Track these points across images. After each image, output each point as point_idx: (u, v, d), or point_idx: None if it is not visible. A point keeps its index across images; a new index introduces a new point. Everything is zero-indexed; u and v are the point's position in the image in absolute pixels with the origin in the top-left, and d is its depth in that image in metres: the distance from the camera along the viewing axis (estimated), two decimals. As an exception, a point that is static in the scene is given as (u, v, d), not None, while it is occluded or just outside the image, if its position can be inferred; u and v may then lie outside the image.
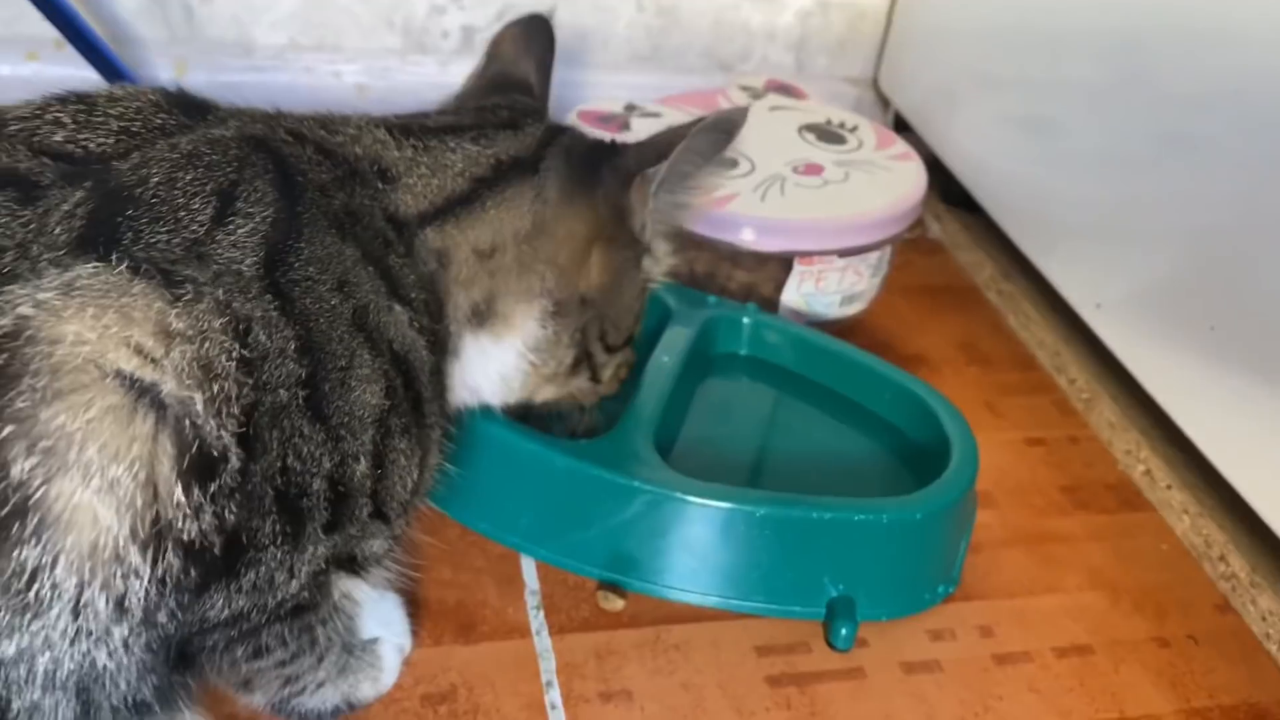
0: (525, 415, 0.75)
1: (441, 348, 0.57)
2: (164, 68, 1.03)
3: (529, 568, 0.71)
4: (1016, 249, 1.00)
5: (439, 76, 1.09)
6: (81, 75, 0.94)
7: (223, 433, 0.41)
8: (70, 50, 0.92)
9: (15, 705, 0.39)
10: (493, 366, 0.62)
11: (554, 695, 0.63)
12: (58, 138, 0.46)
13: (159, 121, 0.49)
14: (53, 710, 0.40)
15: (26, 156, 0.44)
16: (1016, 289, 1.03)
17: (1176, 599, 0.75)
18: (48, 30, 0.92)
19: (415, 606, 0.66)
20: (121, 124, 0.47)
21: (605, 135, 0.67)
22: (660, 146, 0.60)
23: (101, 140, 0.46)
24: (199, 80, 1.03)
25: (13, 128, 0.46)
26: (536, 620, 0.67)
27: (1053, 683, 0.68)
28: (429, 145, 0.58)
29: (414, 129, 0.59)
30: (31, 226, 0.42)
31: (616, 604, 0.68)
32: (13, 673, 0.38)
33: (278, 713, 0.57)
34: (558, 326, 0.62)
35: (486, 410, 0.69)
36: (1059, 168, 0.93)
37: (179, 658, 0.44)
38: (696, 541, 0.68)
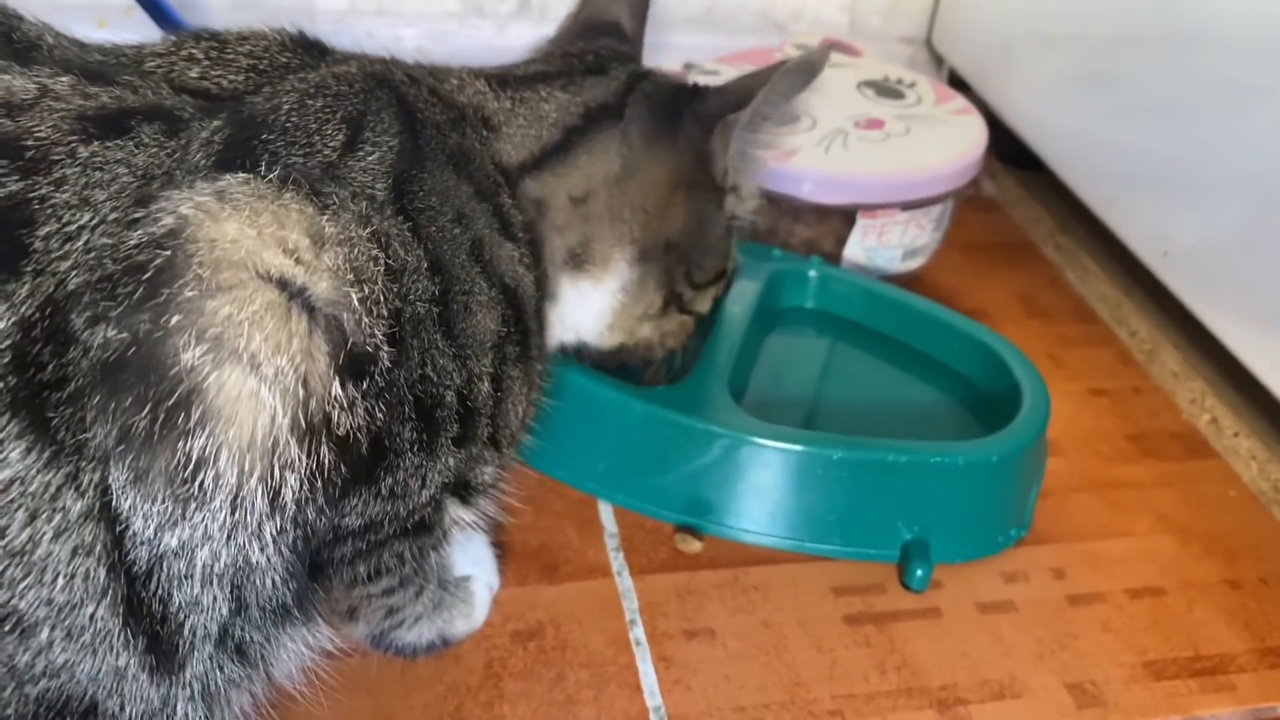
0: (600, 363, 0.77)
1: (543, 290, 0.59)
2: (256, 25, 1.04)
3: (607, 512, 0.72)
4: (1073, 204, 1.00)
5: (496, 40, 1.10)
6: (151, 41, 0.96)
7: (375, 331, 0.42)
8: (139, 15, 0.94)
9: (176, 599, 0.41)
10: (591, 307, 0.64)
11: (638, 632, 0.64)
12: (193, 74, 0.48)
13: (284, 60, 0.51)
14: (210, 606, 0.41)
15: (169, 94, 0.46)
16: (1074, 243, 1.04)
17: (1246, 543, 0.76)
18: (117, -3, 0.94)
19: (501, 549, 0.68)
20: (250, 61, 0.49)
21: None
22: (742, 92, 0.60)
23: (233, 78, 0.48)
24: (263, 45, 1.04)
25: (150, 64, 0.48)
26: (617, 561, 0.69)
27: (1127, 622, 0.69)
28: (524, 96, 0.59)
29: (509, 80, 0.60)
30: (176, 155, 0.43)
31: (694, 546, 0.70)
32: (175, 566, 0.40)
33: (377, 646, 0.59)
34: (644, 269, 0.63)
35: (567, 357, 0.70)
36: (1121, 120, 0.93)
37: (312, 568, 0.46)
38: (772, 485, 0.69)
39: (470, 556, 0.64)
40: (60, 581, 0.39)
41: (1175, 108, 0.87)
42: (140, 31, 0.95)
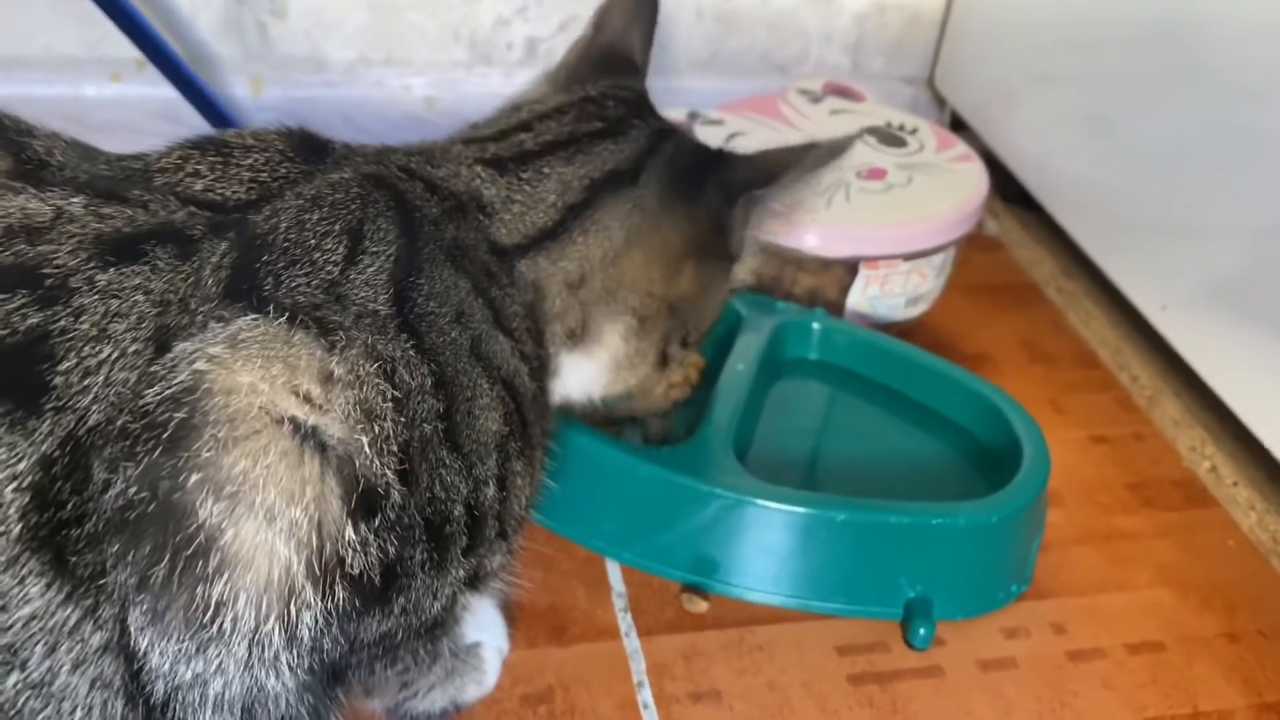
0: (605, 422, 0.78)
1: (543, 372, 0.60)
2: (240, 84, 1.06)
3: (614, 571, 0.73)
4: (1075, 246, 1.01)
5: (504, 88, 1.11)
6: (163, 95, 0.98)
7: (386, 470, 0.43)
8: (151, 70, 0.96)
9: None
10: (587, 376, 0.64)
11: (645, 695, 0.65)
12: (198, 187, 0.49)
13: (284, 170, 0.51)
14: None
15: (177, 206, 0.47)
16: (1077, 286, 1.05)
17: (1245, 595, 0.77)
18: (130, 51, 0.96)
19: (509, 610, 0.69)
20: (253, 173, 0.50)
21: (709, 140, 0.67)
22: (770, 168, 0.60)
23: (236, 189, 0.49)
24: (275, 96, 1.06)
25: (159, 180, 0.49)
26: (625, 622, 0.70)
27: (1126, 679, 0.70)
28: (524, 176, 0.59)
29: (509, 161, 0.60)
30: (190, 280, 0.44)
31: (700, 606, 0.71)
32: (189, 695, 0.41)
33: (391, 715, 0.61)
34: (640, 339, 0.64)
35: (571, 420, 0.72)
36: (1120, 165, 0.94)
37: (331, 674, 0.47)
38: (776, 545, 0.70)
39: (479, 622, 0.65)
40: (79, 713, 0.40)
41: (1174, 153, 0.87)
42: (154, 84, 0.98)
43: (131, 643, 0.40)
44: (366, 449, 0.42)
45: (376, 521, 0.43)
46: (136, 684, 0.40)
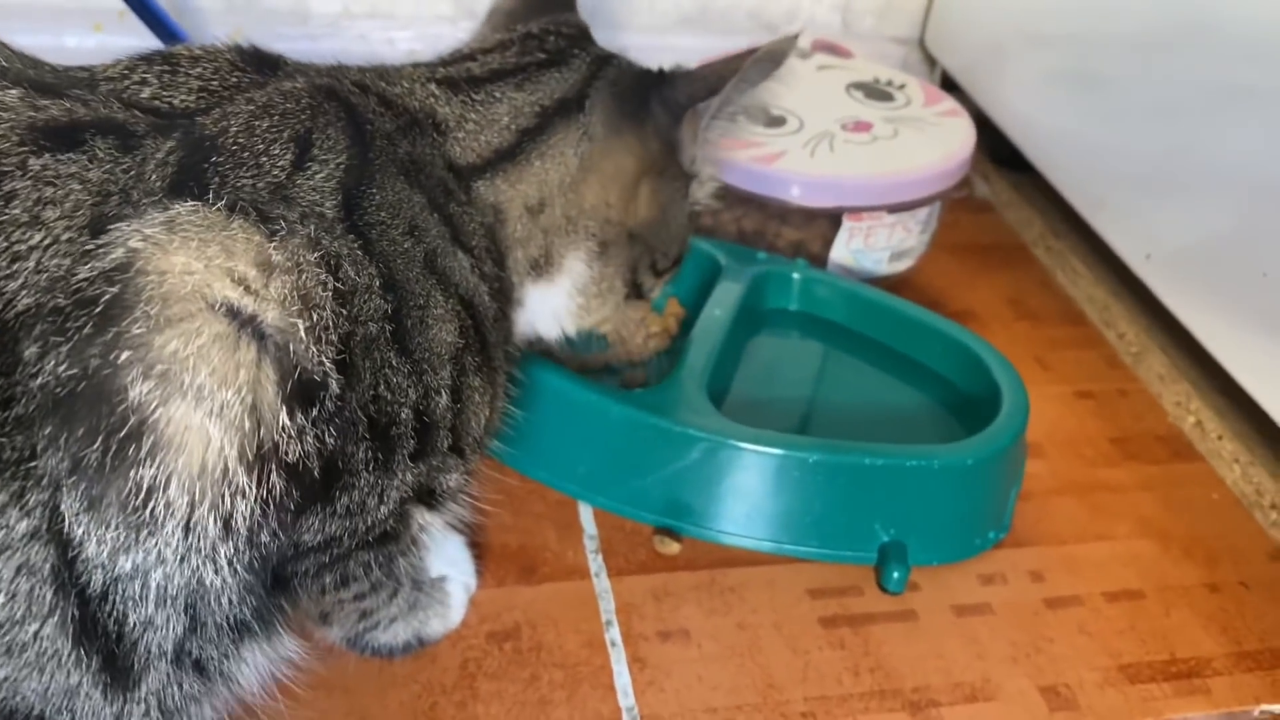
0: (581, 367, 0.77)
1: (505, 296, 0.59)
2: (222, 36, 1.05)
3: (586, 514, 0.73)
4: (1065, 207, 1.00)
5: (489, 42, 1.10)
6: (145, 45, 0.97)
7: (323, 359, 0.43)
8: (133, 20, 0.95)
9: (131, 619, 0.41)
10: (553, 306, 0.64)
11: (614, 633, 0.65)
12: (145, 94, 0.48)
13: (234, 80, 0.51)
14: (164, 625, 0.42)
15: (120, 109, 0.46)
16: (1065, 246, 1.04)
17: (1228, 546, 0.76)
18: (112, 1, 0.95)
19: (479, 550, 0.68)
20: (202, 82, 0.50)
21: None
22: (712, 79, 0.60)
23: (184, 97, 0.49)
24: (257, 48, 1.05)
25: (104, 86, 0.48)
26: (595, 563, 0.69)
27: (1103, 625, 0.69)
28: (476, 98, 0.59)
29: (462, 81, 0.59)
30: (132, 173, 0.44)
31: (672, 548, 0.70)
32: (129, 588, 0.41)
33: (352, 647, 0.60)
34: (605, 264, 0.63)
35: (545, 362, 0.71)
36: (1110, 122, 0.93)
37: (275, 581, 0.47)
38: (750, 488, 0.69)
39: (446, 557, 0.64)
40: (1, 598, 0.39)
41: (1161, 109, 0.87)
42: (136, 35, 0.97)
43: (66, 529, 0.39)
44: (303, 334, 0.42)
45: (314, 411, 0.43)
46: (70, 573, 0.40)
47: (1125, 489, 0.80)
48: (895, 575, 0.68)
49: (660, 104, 0.61)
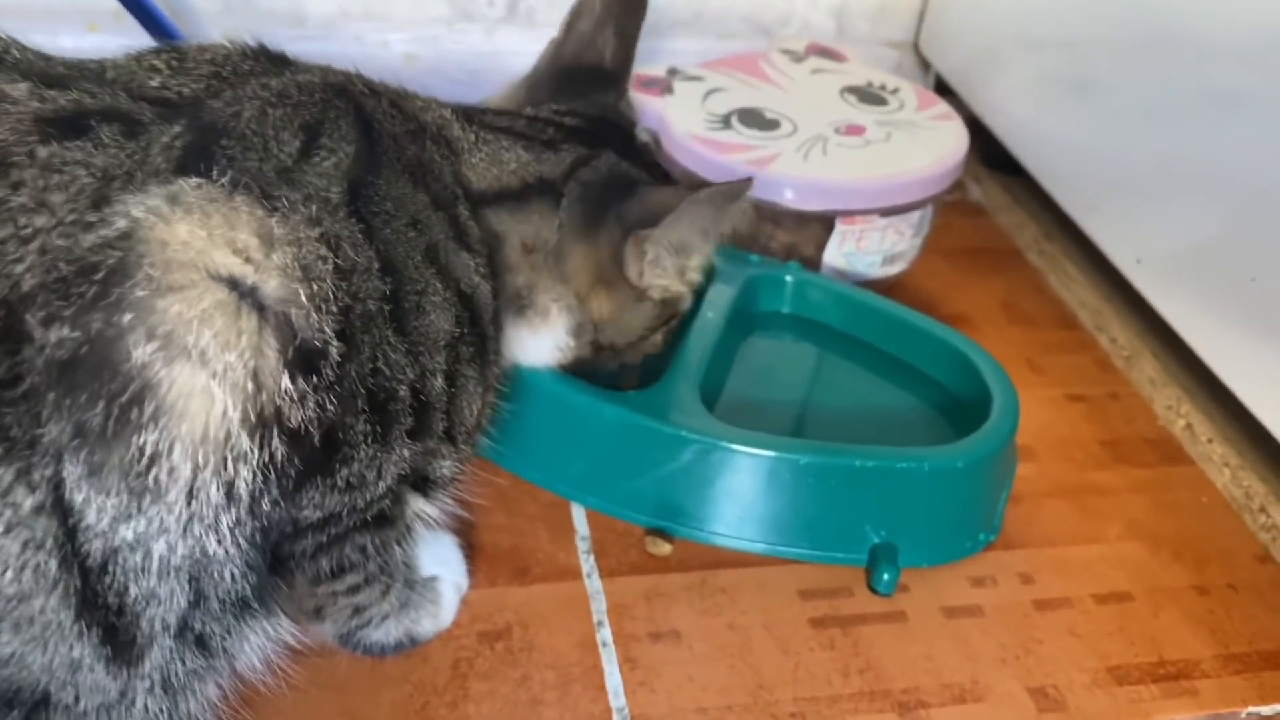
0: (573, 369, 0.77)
1: (499, 299, 0.60)
2: (217, 38, 1.05)
3: (579, 515, 0.73)
4: (1057, 211, 1.00)
5: (485, 44, 1.11)
6: (140, 46, 0.97)
7: (324, 327, 0.44)
8: (129, 21, 0.95)
9: (133, 591, 0.42)
10: (529, 349, 0.66)
11: (605, 634, 0.65)
12: (153, 83, 0.49)
13: (247, 66, 0.52)
14: (168, 598, 0.42)
15: (127, 100, 0.47)
16: (1058, 250, 1.04)
17: (1217, 549, 0.76)
18: (107, 2, 0.95)
19: (471, 550, 0.68)
20: (212, 69, 0.51)
21: (646, 137, 0.69)
22: (657, 208, 0.60)
23: (194, 85, 0.50)
24: (253, 50, 1.05)
25: (111, 75, 0.49)
26: (587, 564, 0.69)
27: (1093, 627, 0.69)
28: (486, 139, 0.61)
29: (475, 119, 0.61)
30: (136, 157, 0.44)
31: (664, 549, 0.70)
32: (131, 558, 0.41)
33: (344, 644, 0.60)
34: (578, 338, 0.66)
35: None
36: (1102, 126, 0.94)
37: (274, 561, 0.47)
38: (741, 489, 0.70)
39: (438, 556, 0.64)
40: (9, 575, 0.39)
41: (1153, 114, 0.87)
42: (131, 35, 0.97)
43: (67, 497, 0.39)
44: (304, 300, 0.43)
45: (315, 378, 0.43)
46: (72, 544, 0.40)
47: (1115, 492, 0.80)
48: (886, 577, 0.68)
49: (615, 218, 0.61)
